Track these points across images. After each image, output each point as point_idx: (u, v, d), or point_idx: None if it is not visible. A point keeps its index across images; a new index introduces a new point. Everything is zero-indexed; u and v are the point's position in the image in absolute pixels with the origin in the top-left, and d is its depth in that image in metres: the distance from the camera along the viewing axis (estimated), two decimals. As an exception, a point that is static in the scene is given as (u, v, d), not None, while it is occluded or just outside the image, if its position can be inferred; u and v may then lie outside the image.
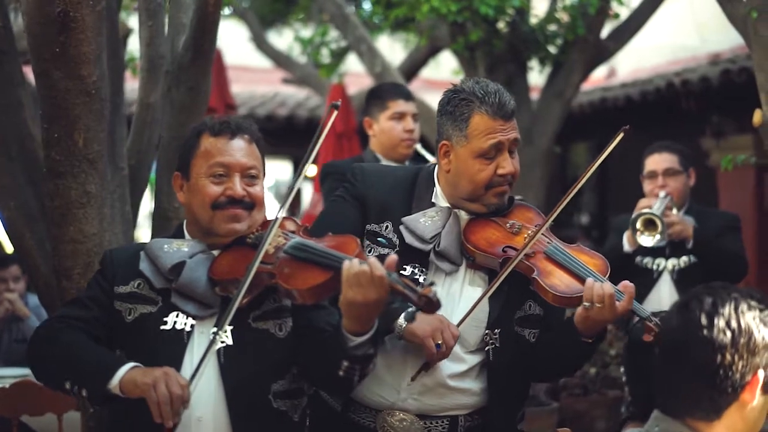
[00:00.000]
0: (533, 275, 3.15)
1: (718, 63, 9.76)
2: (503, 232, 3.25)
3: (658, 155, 5.45)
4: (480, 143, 3.17)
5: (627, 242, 5.34)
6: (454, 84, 3.33)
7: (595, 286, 3.06)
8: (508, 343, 3.24)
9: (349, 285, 2.72)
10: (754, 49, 5.16)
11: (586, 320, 3.11)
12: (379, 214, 3.29)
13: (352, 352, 2.82)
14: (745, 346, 2.15)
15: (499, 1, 7.50)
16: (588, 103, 11.14)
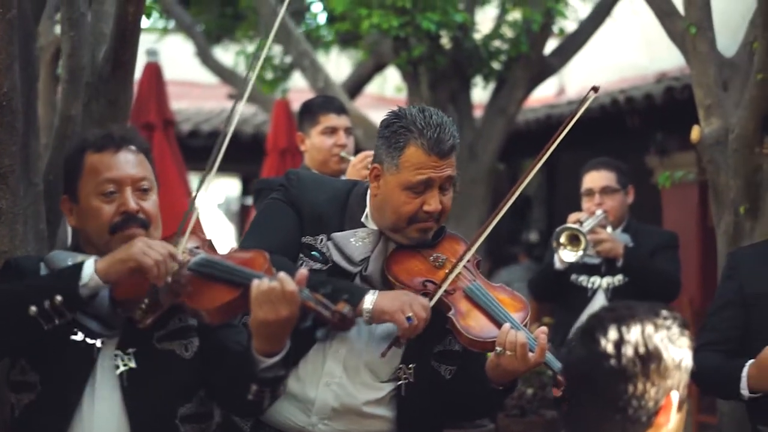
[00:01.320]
0: (449, 314, 3.01)
1: (663, 81, 9.77)
2: (426, 265, 3.11)
3: (596, 173, 5.39)
4: (409, 176, 3.01)
5: (558, 260, 5.27)
6: (399, 106, 3.18)
7: (510, 332, 2.93)
8: (423, 379, 3.11)
9: (259, 303, 2.60)
10: (693, 65, 5.13)
11: (497, 367, 2.98)
12: (315, 225, 3.13)
13: (262, 375, 2.70)
14: (656, 372, 2.04)
15: (442, 16, 7.44)
16: (534, 120, 11.11)
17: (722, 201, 4.99)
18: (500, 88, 8.35)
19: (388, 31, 7.47)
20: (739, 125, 4.76)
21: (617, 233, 5.36)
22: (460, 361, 3.16)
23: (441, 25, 7.51)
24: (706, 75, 5.07)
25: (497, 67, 8.26)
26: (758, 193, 4.73)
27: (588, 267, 5.30)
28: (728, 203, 4.93)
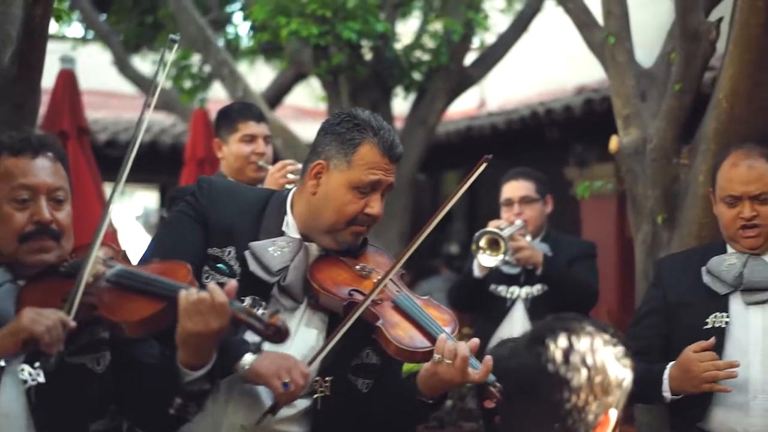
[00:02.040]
0: (378, 324, 2.93)
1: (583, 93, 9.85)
2: (352, 274, 3.04)
3: (515, 182, 5.37)
4: (361, 174, 2.94)
5: (477, 268, 5.23)
6: (349, 109, 3.14)
7: (448, 341, 2.86)
8: (340, 393, 3.01)
9: (188, 315, 2.51)
10: (611, 75, 5.15)
11: (432, 377, 2.88)
12: (223, 237, 3.01)
13: (187, 388, 2.61)
14: (600, 386, 2.02)
15: (363, 26, 7.40)
16: (455, 132, 11.13)
17: (640, 211, 5.01)
18: (421, 99, 8.34)
19: (308, 39, 7.40)
20: (657, 135, 4.78)
21: (536, 243, 5.34)
22: (377, 374, 3.08)
23: (362, 35, 7.47)
24: (624, 85, 5.09)
25: (418, 77, 8.25)
26: (676, 203, 4.75)
27: (507, 277, 5.27)
28: (646, 213, 4.95)
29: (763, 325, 3.58)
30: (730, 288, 3.64)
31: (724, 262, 3.67)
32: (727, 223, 3.68)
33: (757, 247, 3.64)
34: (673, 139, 4.73)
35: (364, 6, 7.46)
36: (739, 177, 3.63)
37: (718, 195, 3.71)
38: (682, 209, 4.72)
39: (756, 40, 4.19)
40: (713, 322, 3.62)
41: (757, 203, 3.60)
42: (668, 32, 5.29)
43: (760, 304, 3.60)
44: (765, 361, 3.53)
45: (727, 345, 3.58)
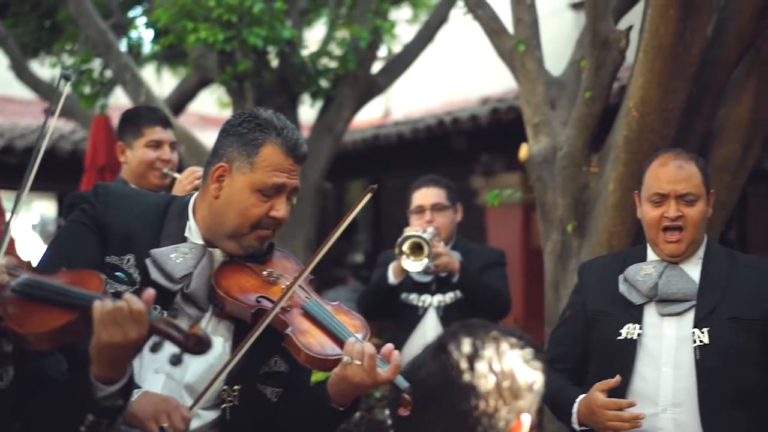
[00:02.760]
0: (287, 331, 2.83)
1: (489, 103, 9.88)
2: (259, 280, 2.93)
3: (426, 189, 5.30)
4: (264, 177, 2.84)
5: (392, 274, 5.16)
6: (251, 108, 3.02)
7: (357, 344, 2.78)
8: (248, 402, 2.90)
9: (104, 325, 2.37)
10: (521, 83, 5.15)
11: (342, 381, 2.79)
12: (121, 244, 2.87)
13: (101, 404, 2.46)
14: (509, 391, 1.95)
15: (269, 31, 7.28)
16: (362, 140, 11.07)
17: (550, 219, 5.00)
18: (328, 107, 8.25)
19: (213, 45, 7.26)
20: (567, 143, 4.78)
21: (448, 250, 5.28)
22: (287, 382, 2.98)
23: (268, 41, 7.35)
24: (534, 93, 5.09)
25: (325, 85, 8.16)
26: (585, 211, 4.75)
27: (418, 285, 5.20)
28: (556, 222, 4.94)
29: (676, 336, 3.53)
30: (645, 298, 3.59)
31: (641, 272, 3.62)
32: (650, 223, 3.60)
33: (677, 255, 3.58)
34: (583, 147, 4.74)
35: (271, 12, 7.34)
36: (668, 175, 3.56)
37: (644, 195, 3.63)
38: (592, 217, 4.72)
39: (666, 49, 4.22)
40: (627, 332, 3.57)
41: (683, 204, 3.54)
42: (577, 41, 5.31)
43: (675, 315, 3.55)
44: (676, 374, 3.50)
45: (639, 357, 3.55)
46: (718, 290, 3.54)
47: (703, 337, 3.48)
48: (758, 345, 3.48)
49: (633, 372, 3.55)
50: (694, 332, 3.50)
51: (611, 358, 3.58)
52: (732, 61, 4.58)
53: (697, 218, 3.55)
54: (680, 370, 3.50)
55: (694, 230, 3.56)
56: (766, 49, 4.64)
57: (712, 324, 3.49)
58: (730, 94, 4.74)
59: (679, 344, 3.53)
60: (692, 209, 3.55)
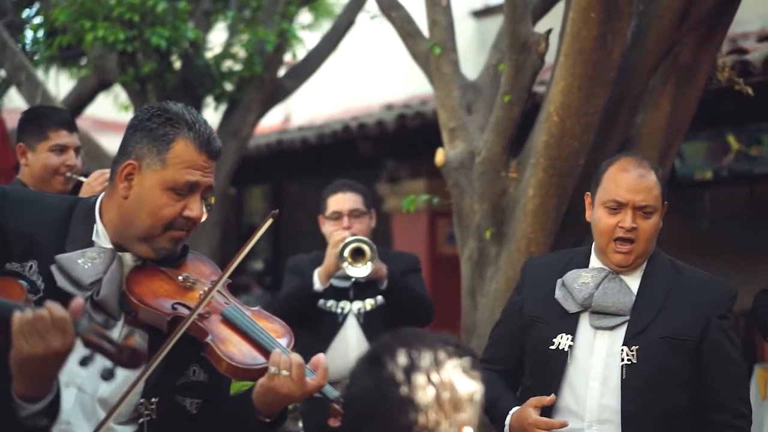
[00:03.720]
0: (207, 340, 2.65)
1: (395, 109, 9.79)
2: (174, 286, 2.74)
3: (342, 195, 5.14)
4: (176, 174, 2.64)
5: (319, 280, 5.00)
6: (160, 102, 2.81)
7: (284, 354, 2.63)
8: (167, 415, 2.72)
9: (24, 336, 2.18)
10: (437, 86, 5.05)
11: (269, 392, 2.63)
12: (23, 250, 2.66)
13: (25, 423, 2.28)
14: (449, 403, 1.83)
15: (172, 32, 7.06)
16: (265, 146, 10.88)
17: (467, 226, 4.91)
18: (232, 110, 8.06)
19: (114, 45, 7.01)
20: (485, 148, 4.69)
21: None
22: (207, 393, 2.81)
23: (171, 42, 7.13)
24: (450, 97, 5.00)
25: (229, 88, 7.96)
26: (504, 217, 4.67)
27: (336, 291, 5.04)
28: (473, 228, 4.85)
29: (606, 351, 3.40)
30: (579, 307, 3.45)
31: (579, 279, 3.48)
32: (602, 231, 3.43)
33: (625, 265, 3.43)
34: (502, 152, 4.66)
35: (174, 12, 7.13)
36: (628, 183, 3.38)
37: (600, 199, 3.45)
38: (511, 224, 4.64)
39: (587, 53, 4.16)
40: (559, 342, 3.45)
41: (639, 216, 3.38)
42: (493, 44, 5.24)
43: (607, 329, 3.42)
44: (603, 391, 3.37)
45: (570, 369, 3.43)
46: (654, 306, 3.40)
47: (631, 356, 3.35)
48: (689, 365, 3.35)
49: (562, 384, 3.43)
50: (623, 350, 3.36)
51: (543, 367, 3.47)
52: (651, 66, 4.55)
53: (650, 231, 3.41)
54: (607, 387, 3.38)
55: (646, 244, 3.42)
56: (685, 55, 4.63)
57: (642, 343, 3.35)
58: (648, 100, 4.71)
59: (608, 360, 3.40)
60: (647, 222, 3.39)
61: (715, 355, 3.35)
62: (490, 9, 11.51)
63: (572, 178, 4.49)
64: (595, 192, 3.49)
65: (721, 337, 3.37)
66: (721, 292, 3.44)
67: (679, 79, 4.67)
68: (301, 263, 5.24)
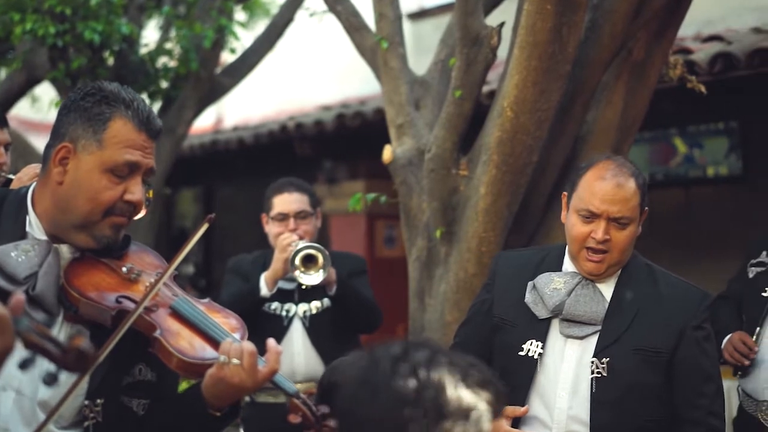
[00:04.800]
0: (155, 334, 2.48)
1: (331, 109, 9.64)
2: (117, 278, 2.57)
3: (288, 195, 4.95)
4: (115, 155, 2.48)
5: (266, 285, 4.81)
6: None
7: (234, 342, 2.47)
8: (113, 417, 2.55)
9: None
10: (384, 82, 4.91)
11: (219, 383, 2.47)
12: None
13: None
14: (431, 402, 1.68)
15: (106, 26, 6.82)
16: (198, 146, 10.65)
17: (415, 225, 4.77)
18: (167, 108, 7.83)
19: (44, 39, 6.75)
20: (435, 144, 4.56)
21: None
22: (155, 393, 2.63)
23: (104, 36, 6.88)
24: (397, 93, 4.86)
25: (165, 84, 7.74)
26: (454, 216, 4.53)
27: (281, 293, 4.86)
28: (421, 227, 4.72)
29: (577, 361, 3.26)
30: (549, 313, 3.30)
31: (551, 284, 3.33)
32: (574, 238, 3.29)
33: (596, 274, 3.28)
34: (452, 149, 4.52)
35: (108, 5, 6.89)
36: (604, 193, 3.21)
37: (574, 205, 3.30)
38: (462, 223, 4.50)
39: (542, 46, 4.04)
40: (528, 349, 3.30)
41: (614, 227, 3.22)
42: (441, 39, 5.12)
43: (577, 338, 3.27)
44: (572, 401, 3.24)
45: (539, 377, 3.29)
46: (627, 316, 3.25)
47: (601, 368, 3.21)
48: (662, 378, 3.21)
49: (530, 391, 3.29)
50: (593, 362, 3.22)
51: (511, 374, 3.27)
52: (605, 61, 4.45)
53: (624, 243, 3.25)
54: (577, 398, 3.24)
55: (619, 254, 3.26)
56: (638, 50, 4.54)
57: (613, 355, 3.21)
58: (601, 96, 4.61)
59: (578, 370, 3.25)
60: (622, 233, 3.23)
61: (688, 368, 3.21)
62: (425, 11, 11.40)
63: (525, 176, 4.37)
64: (571, 195, 3.34)
65: (695, 350, 3.23)
66: (697, 300, 3.29)
67: (632, 75, 4.58)
68: (243, 264, 5.07)
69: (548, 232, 4.57)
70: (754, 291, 4.17)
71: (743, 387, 4.22)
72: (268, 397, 4.83)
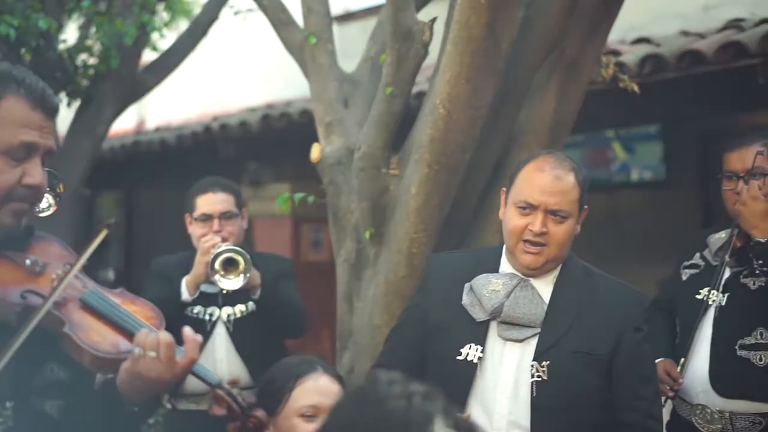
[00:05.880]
0: (64, 330, 2.32)
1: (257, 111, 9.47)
2: (21, 272, 2.38)
3: (213, 195, 4.78)
4: (9, 135, 2.30)
5: (186, 290, 4.64)
6: None
7: (150, 333, 2.33)
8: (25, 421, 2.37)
9: None
10: (312, 79, 4.78)
11: (135, 378, 2.33)
12: None
13: None
14: None
15: (22, 21, 6.58)
16: (119, 147, 10.41)
17: (343, 226, 4.65)
18: (87, 107, 7.59)
19: (-46, 33, 6.50)
20: (365, 143, 4.43)
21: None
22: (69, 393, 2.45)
23: (21, 32, 6.63)
24: (326, 90, 4.74)
25: (84, 82, 7.50)
26: (384, 216, 4.41)
27: (205, 297, 4.69)
28: (350, 228, 4.59)
29: (517, 365, 3.18)
30: (488, 316, 3.22)
31: (489, 286, 3.24)
32: (511, 231, 3.22)
33: (534, 267, 3.21)
34: (383, 147, 4.40)
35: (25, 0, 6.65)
36: (542, 185, 3.17)
37: (512, 198, 3.24)
38: (392, 223, 4.38)
39: (476, 41, 3.94)
40: (467, 353, 3.20)
41: (551, 220, 3.16)
42: (371, 36, 5.00)
43: (517, 341, 3.20)
44: (512, 406, 3.16)
45: (478, 382, 3.20)
46: (566, 318, 3.19)
47: (541, 372, 3.13)
48: (601, 381, 3.16)
49: (470, 398, 3.20)
50: (533, 365, 3.14)
51: (449, 380, 3.17)
52: (538, 59, 4.37)
53: (562, 237, 3.18)
54: (517, 404, 3.16)
55: (557, 249, 3.20)
56: (571, 49, 4.46)
57: (553, 358, 3.14)
58: (533, 95, 4.53)
59: (518, 374, 3.17)
60: (559, 227, 3.17)
61: (627, 371, 3.17)
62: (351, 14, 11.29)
63: (457, 175, 4.27)
64: (510, 190, 3.27)
65: (634, 352, 3.19)
66: (634, 302, 3.27)
67: (565, 74, 4.51)
68: (166, 266, 4.88)
69: (480, 233, 4.48)
70: (687, 294, 4.12)
71: None
72: (190, 404, 4.66)
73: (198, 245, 4.68)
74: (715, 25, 6.81)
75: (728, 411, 3.92)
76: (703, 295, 4.04)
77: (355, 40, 5.49)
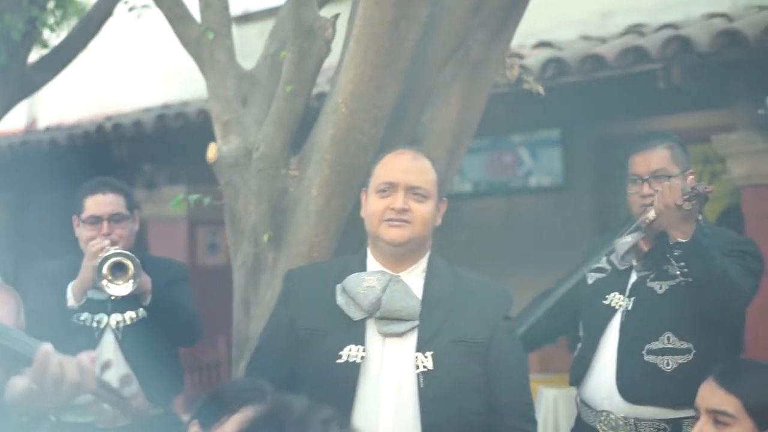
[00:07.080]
0: None
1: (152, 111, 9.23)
2: None
3: (102, 196, 4.56)
4: None
5: (72, 296, 4.41)
6: None
7: None
8: None
9: None
10: (209, 76, 4.61)
11: (30, 400, 2.30)
12: None
13: None
14: None
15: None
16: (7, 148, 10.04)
17: (241, 229, 4.48)
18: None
19: None
20: (264, 143, 4.28)
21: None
22: None
23: None
24: (224, 87, 4.57)
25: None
26: (284, 219, 4.26)
27: (93, 303, 4.47)
28: (248, 231, 4.42)
29: (399, 361, 3.15)
30: (365, 313, 3.18)
31: (363, 283, 3.21)
32: (373, 214, 3.26)
33: (399, 243, 3.21)
34: (283, 147, 4.24)
35: None
36: (402, 165, 3.26)
37: (372, 186, 3.30)
38: (291, 226, 4.23)
39: (380, 39, 3.83)
40: (348, 355, 3.15)
41: (412, 198, 3.21)
42: (270, 33, 4.85)
43: (397, 336, 3.17)
44: (398, 404, 3.11)
45: (361, 383, 3.13)
46: (442, 309, 3.20)
47: (426, 362, 3.12)
48: (481, 369, 3.17)
49: (354, 400, 3.12)
50: (417, 356, 3.13)
51: (329, 385, 3.09)
52: (442, 59, 4.26)
53: (425, 216, 3.22)
54: (403, 399, 3.11)
55: (421, 227, 3.23)
56: (476, 49, 4.37)
57: (436, 348, 3.14)
58: (437, 96, 4.43)
59: (402, 368, 3.14)
60: (421, 206, 3.22)
61: (503, 358, 3.22)
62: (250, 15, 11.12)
63: (358, 177, 4.13)
64: (368, 186, 3.34)
65: (507, 340, 3.26)
66: (502, 292, 3.35)
67: (470, 74, 4.40)
68: (49, 271, 4.65)
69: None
70: (594, 298, 4.08)
71: (582, 396, 4.12)
72: (76, 416, 4.45)
73: (85, 249, 4.46)
74: (614, 31, 6.84)
75: (633, 417, 3.89)
76: (610, 299, 4.01)
77: (253, 42, 5.40)
